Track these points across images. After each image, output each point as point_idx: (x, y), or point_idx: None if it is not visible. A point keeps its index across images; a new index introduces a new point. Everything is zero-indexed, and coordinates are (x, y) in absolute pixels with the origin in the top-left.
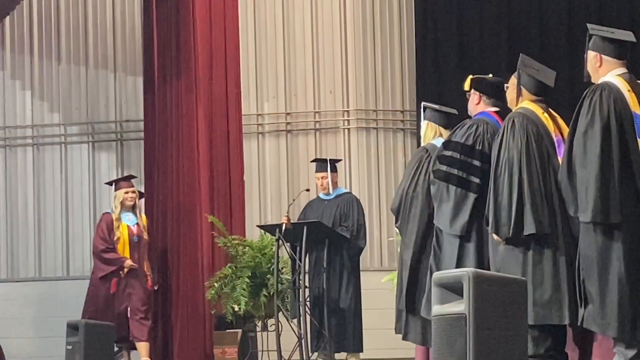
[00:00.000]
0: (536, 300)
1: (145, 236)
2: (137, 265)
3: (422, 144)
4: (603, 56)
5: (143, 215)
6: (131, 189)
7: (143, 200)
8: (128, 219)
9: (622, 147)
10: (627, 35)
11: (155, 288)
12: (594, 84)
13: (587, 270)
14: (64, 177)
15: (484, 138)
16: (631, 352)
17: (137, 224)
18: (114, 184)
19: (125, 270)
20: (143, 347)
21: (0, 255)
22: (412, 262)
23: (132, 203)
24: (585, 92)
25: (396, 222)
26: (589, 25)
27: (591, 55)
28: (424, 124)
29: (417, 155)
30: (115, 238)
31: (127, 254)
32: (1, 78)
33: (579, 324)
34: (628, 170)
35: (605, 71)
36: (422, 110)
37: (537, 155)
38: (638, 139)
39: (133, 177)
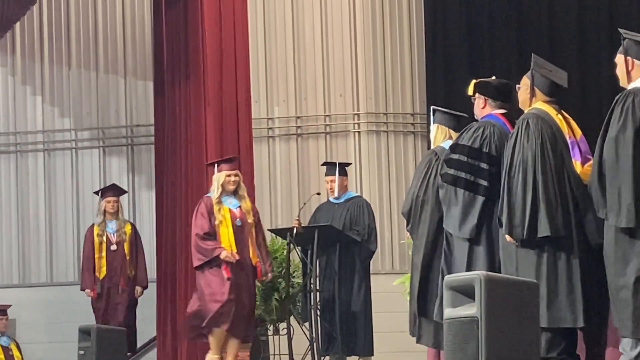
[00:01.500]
0: (550, 302)
1: (250, 220)
2: (237, 255)
3: (432, 147)
4: (635, 60)
5: (247, 198)
6: (234, 172)
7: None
8: (230, 203)
9: None
10: None
11: (265, 279)
12: (623, 88)
13: (615, 270)
14: (74, 182)
15: (490, 140)
16: (634, 352)
17: (240, 207)
18: (215, 165)
19: (227, 257)
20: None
21: (12, 260)
22: (423, 265)
23: (234, 187)
24: (616, 98)
25: (407, 225)
26: (620, 30)
27: (622, 59)
28: (433, 126)
29: (426, 158)
30: (216, 222)
31: (232, 239)
32: (12, 84)
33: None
34: None
35: (637, 75)
36: (431, 113)
37: (552, 156)
38: None
39: (236, 158)
